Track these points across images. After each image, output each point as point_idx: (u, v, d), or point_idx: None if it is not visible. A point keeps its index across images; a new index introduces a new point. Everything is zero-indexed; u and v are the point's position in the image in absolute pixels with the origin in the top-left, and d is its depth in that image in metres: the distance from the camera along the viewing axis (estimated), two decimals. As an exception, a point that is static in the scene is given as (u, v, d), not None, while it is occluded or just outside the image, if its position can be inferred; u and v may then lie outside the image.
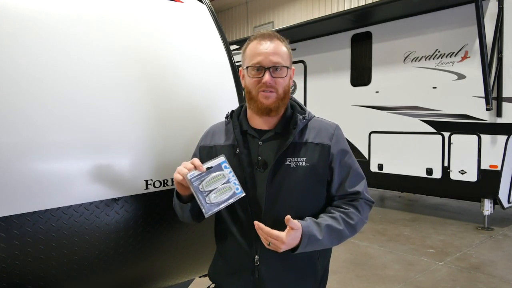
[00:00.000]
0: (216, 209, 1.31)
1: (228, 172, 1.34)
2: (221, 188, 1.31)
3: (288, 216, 1.27)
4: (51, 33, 1.51)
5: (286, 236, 1.27)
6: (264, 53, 1.37)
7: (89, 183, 1.53)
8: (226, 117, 1.55)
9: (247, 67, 1.41)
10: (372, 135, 6.50)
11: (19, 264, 1.40)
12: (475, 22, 5.06)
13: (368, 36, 6.54)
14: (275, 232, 1.28)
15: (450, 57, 5.58)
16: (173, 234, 1.84)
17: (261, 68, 1.37)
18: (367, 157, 6.55)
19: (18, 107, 1.37)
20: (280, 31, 7.39)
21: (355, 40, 6.76)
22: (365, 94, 6.60)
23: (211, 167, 1.33)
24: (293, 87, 7.80)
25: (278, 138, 1.43)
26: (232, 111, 1.56)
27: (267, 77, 1.36)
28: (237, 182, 1.34)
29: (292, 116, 1.46)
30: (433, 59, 5.75)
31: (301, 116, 1.44)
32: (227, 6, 16.81)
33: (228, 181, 1.33)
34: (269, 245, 1.30)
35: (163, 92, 1.76)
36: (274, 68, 1.37)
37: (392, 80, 6.26)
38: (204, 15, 2.12)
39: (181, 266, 2.01)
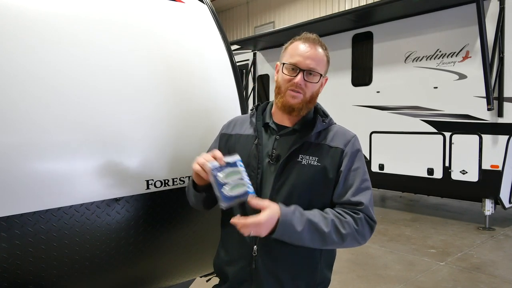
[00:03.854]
0: (232, 203, 1.32)
1: (242, 170, 1.36)
2: (235, 183, 1.32)
3: (252, 198, 1.30)
4: (54, 34, 1.51)
5: (260, 217, 1.26)
6: (303, 55, 1.42)
7: (90, 183, 1.53)
8: (251, 110, 1.61)
9: (283, 63, 1.46)
10: (373, 135, 6.50)
11: (20, 264, 1.41)
12: (476, 22, 5.05)
13: (369, 36, 6.54)
14: (250, 219, 1.26)
15: (451, 57, 5.57)
16: (174, 234, 1.84)
17: (296, 68, 1.42)
18: (368, 157, 6.54)
19: (20, 107, 1.37)
20: (281, 31, 7.43)
21: (356, 40, 6.75)
22: (366, 94, 6.59)
23: (229, 162, 1.35)
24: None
25: (294, 135, 1.48)
26: (259, 104, 1.63)
27: (299, 78, 1.42)
28: (249, 181, 1.36)
29: (313, 118, 1.51)
30: (434, 59, 5.75)
31: (321, 119, 1.50)
32: (228, 6, 16.81)
33: (242, 178, 1.34)
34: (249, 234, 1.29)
35: (164, 93, 1.76)
36: (308, 72, 1.42)
37: (393, 80, 6.25)
38: (205, 15, 2.12)
39: (182, 266, 2.01)
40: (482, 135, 5.28)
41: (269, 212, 1.29)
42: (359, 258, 4.44)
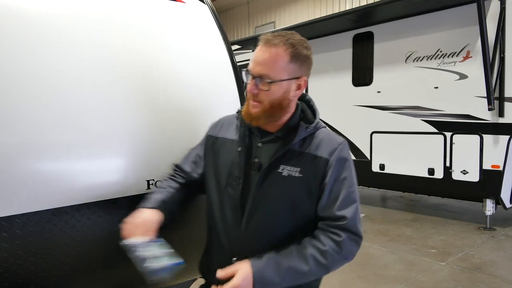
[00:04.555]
0: (160, 275, 1.26)
1: (164, 244, 1.33)
2: (159, 255, 1.28)
3: (218, 271, 1.26)
4: (48, 32, 1.51)
5: (235, 281, 1.21)
6: (255, 61, 1.31)
7: (91, 183, 1.53)
8: (237, 112, 1.51)
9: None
10: (374, 135, 6.50)
11: (21, 263, 1.41)
12: (477, 22, 5.04)
13: (369, 36, 6.53)
14: (226, 286, 1.22)
15: (452, 57, 5.57)
16: (175, 234, 1.84)
17: (251, 75, 1.32)
18: (368, 157, 6.54)
19: (19, 107, 1.37)
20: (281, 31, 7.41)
21: (356, 40, 6.74)
22: (367, 94, 6.59)
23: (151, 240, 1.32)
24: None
25: (277, 142, 1.37)
26: None
27: (249, 86, 1.32)
28: (173, 253, 1.31)
29: (298, 123, 1.38)
30: (435, 59, 5.74)
31: (305, 125, 1.36)
32: (228, 6, 16.80)
33: (166, 251, 1.31)
34: None
35: (164, 93, 1.76)
36: (259, 79, 1.29)
37: (393, 80, 6.25)
38: (205, 15, 2.12)
39: (184, 266, 2.00)
40: (483, 135, 5.27)
41: (241, 273, 1.23)
42: (359, 258, 4.42)
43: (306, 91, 7.41)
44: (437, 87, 5.73)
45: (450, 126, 5.60)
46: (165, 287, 2.04)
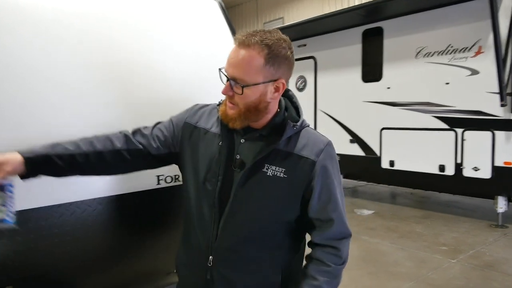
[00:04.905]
0: None
1: (8, 196, 1.20)
2: None
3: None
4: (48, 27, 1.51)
5: None
6: (228, 62, 1.24)
7: (102, 178, 1.54)
8: (218, 104, 1.41)
9: None
10: (384, 131, 6.45)
11: (34, 257, 1.42)
12: (489, 17, 4.96)
13: (379, 31, 6.47)
14: None
15: (463, 52, 5.49)
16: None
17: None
18: (378, 154, 6.50)
19: (24, 103, 1.39)
20: (290, 27, 7.40)
21: (366, 35, 6.69)
22: (377, 90, 6.54)
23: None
24: (303, 83, 7.78)
25: (262, 141, 1.30)
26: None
27: (224, 88, 1.25)
28: (13, 210, 1.20)
29: (282, 121, 1.32)
30: (446, 54, 5.67)
31: (292, 124, 1.29)
32: (237, 2, 16.78)
33: (3, 205, 1.19)
34: None
35: (173, 88, 1.77)
36: (233, 82, 1.22)
37: (403, 75, 6.19)
38: (214, 11, 2.12)
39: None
40: (495, 132, 5.20)
41: None
42: (369, 255, 4.41)
43: (316, 87, 7.40)
44: (448, 83, 5.67)
45: (462, 122, 5.54)
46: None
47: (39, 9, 1.45)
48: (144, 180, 1.66)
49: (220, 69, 1.27)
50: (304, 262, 1.39)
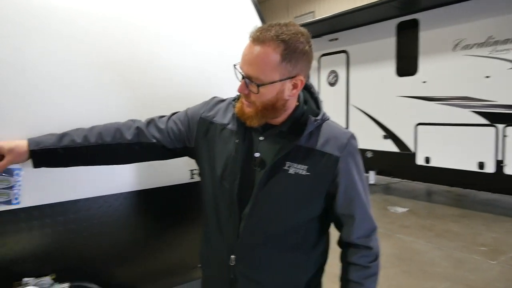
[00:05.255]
0: None
1: (16, 180, 1.29)
2: None
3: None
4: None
5: None
6: (242, 59, 1.18)
7: (137, 172, 1.59)
8: (233, 100, 1.37)
9: None
10: (419, 126, 6.26)
11: (64, 248, 1.47)
12: (534, 5, 4.71)
13: (414, 23, 6.28)
14: None
15: (505, 44, 5.24)
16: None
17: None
18: (413, 150, 6.32)
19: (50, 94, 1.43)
20: (321, 21, 7.30)
21: (400, 28, 6.51)
22: (411, 84, 6.36)
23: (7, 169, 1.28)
24: (335, 78, 7.66)
25: (282, 137, 1.25)
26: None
27: (239, 86, 1.20)
28: (20, 193, 1.30)
29: (302, 115, 1.27)
30: (486, 46, 5.42)
31: (313, 118, 1.23)
32: (267, -4, 16.74)
33: (10, 188, 1.29)
34: None
35: (205, 83, 1.77)
36: (248, 80, 1.17)
37: (440, 69, 5.98)
38: (247, 5, 2.11)
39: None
40: (540, 127, 4.94)
41: None
42: (403, 253, 4.31)
43: (348, 81, 7.26)
44: (488, 76, 5.43)
45: (503, 117, 5.29)
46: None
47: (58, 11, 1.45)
48: (178, 174, 1.69)
49: (235, 66, 1.21)
50: (341, 266, 1.35)
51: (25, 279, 1.34)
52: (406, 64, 6.46)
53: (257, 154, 1.26)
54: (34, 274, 1.36)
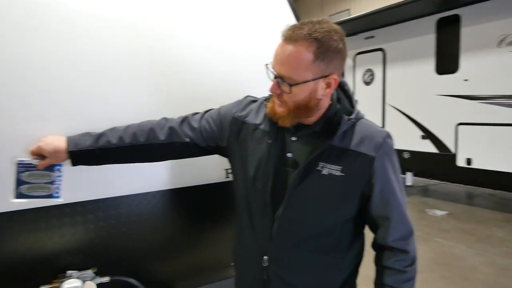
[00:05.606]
0: (23, 200, 1.32)
1: (57, 175, 1.36)
2: (38, 185, 1.33)
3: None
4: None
5: None
6: (275, 58, 1.17)
7: (176, 171, 1.62)
8: (265, 100, 1.37)
9: None
10: (460, 127, 6.01)
11: (109, 243, 1.52)
12: None
13: (455, 19, 6.03)
14: None
15: (555, 38, 4.94)
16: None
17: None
18: (453, 151, 6.08)
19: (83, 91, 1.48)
20: (357, 19, 7.16)
21: (440, 24, 6.28)
22: (452, 83, 6.11)
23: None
24: (371, 76, 7.50)
25: (315, 137, 1.24)
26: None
27: (271, 85, 1.19)
28: (61, 187, 1.37)
29: (336, 114, 1.24)
30: (534, 42, 5.13)
31: (346, 117, 1.21)
32: (302, -6, 16.62)
33: (51, 183, 1.35)
34: None
35: (241, 82, 1.78)
36: (281, 79, 1.16)
37: (483, 67, 5.71)
38: (282, 4, 2.10)
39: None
40: None
41: None
42: (443, 258, 4.15)
43: (384, 80, 7.09)
44: (536, 74, 5.13)
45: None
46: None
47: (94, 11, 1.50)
48: (214, 173, 1.71)
49: (266, 65, 1.20)
50: (375, 269, 1.33)
51: (69, 272, 1.40)
52: (446, 62, 6.23)
53: (289, 155, 1.25)
54: (77, 267, 1.43)
